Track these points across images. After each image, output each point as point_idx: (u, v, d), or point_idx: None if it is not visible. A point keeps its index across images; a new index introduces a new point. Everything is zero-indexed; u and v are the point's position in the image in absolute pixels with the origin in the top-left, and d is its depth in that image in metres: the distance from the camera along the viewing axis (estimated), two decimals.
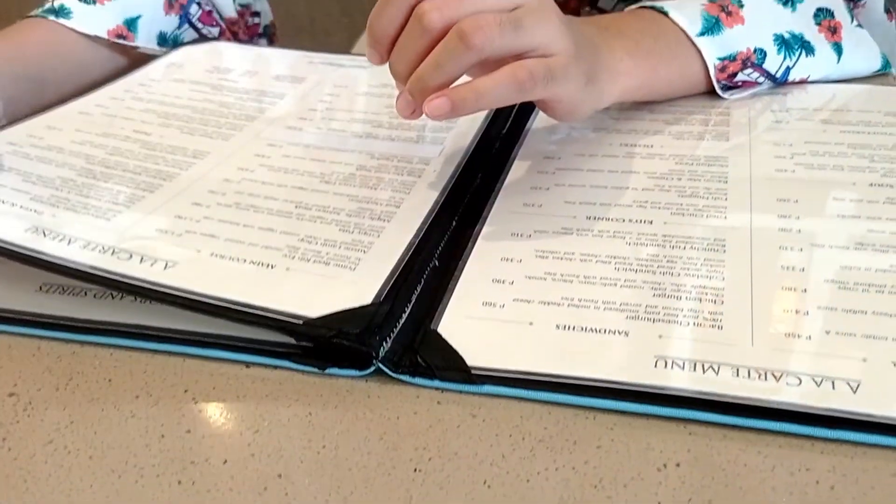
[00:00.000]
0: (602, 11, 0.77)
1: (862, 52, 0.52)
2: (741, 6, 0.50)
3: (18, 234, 0.35)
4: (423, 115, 0.36)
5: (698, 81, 0.49)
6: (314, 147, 0.46)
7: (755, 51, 0.49)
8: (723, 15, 0.49)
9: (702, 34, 0.48)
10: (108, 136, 0.46)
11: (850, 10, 0.53)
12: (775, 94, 0.50)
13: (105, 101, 0.51)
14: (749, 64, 0.49)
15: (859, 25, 0.53)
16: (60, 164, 0.42)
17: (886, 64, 0.53)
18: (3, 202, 0.38)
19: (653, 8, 0.49)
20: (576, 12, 0.77)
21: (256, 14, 0.72)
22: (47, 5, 0.57)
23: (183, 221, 0.37)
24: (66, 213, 0.37)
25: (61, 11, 0.57)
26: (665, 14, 0.48)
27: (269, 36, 0.75)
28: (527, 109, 0.49)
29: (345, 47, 1.20)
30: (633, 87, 0.46)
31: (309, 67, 0.58)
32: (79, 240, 0.35)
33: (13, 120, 0.50)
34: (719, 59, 0.48)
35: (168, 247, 0.35)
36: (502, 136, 0.48)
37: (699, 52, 0.48)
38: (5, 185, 0.39)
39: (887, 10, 0.57)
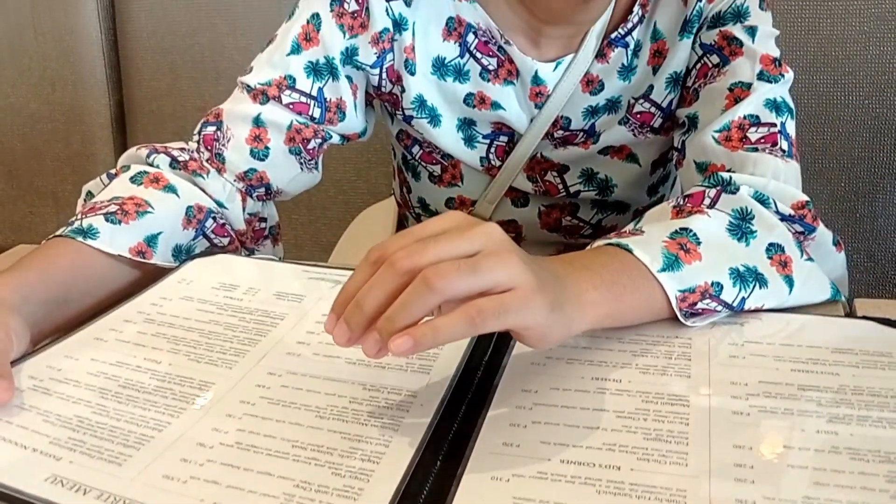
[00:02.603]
0: (582, 221, 0.83)
1: (812, 285, 0.58)
2: (698, 243, 0.56)
3: (38, 485, 0.38)
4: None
5: (661, 309, 0.54)
6: (310, 376, 0.50)
7: (712, 284, 0.54)
8: (681, 252, 0.55)
9: (662, 270, 0.53)
10: (121, 365, 0.50)
11: (800, 245, 0.59)
12: (733, 323, 0.55)
13: (119, 324, 0.56)
14: (707, 295, 0.54)
15: (809, 259, 0.59)
16: (76, 401, 0.46)
17: (836, 293, 0.59)
18: (24, 447, 0.41)
19: (617, 245, 0.55)
20: (558, 222, 0.84)
21: (263, 219, 0.78)
22: (75, 225, 0.63)
23: (187, 466, 0.41)
24: (82, 457, 0.41)
25: (89, 232, 0.62)
26: (629, 251, 0.54)
27: (274, 236, 0.81)
28: (506, 338, 0.54)
29: (339, 224, 1.27)
30: (601, 315, 0.51)
31: (308, 284, 0.62)
32: (93, 490, 0.38)
33: (37, 342, 0.54)
34: (680, 291, 0.53)
35: (173, 497, 0.38)
36: (485, 362, 0.52)
37: (661, 285, 0.53)
38: (27, 428, 0.43)
39: (836, 243, 0.63)
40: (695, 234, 0.56)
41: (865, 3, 1.08)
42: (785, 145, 0.65)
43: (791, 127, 0.67)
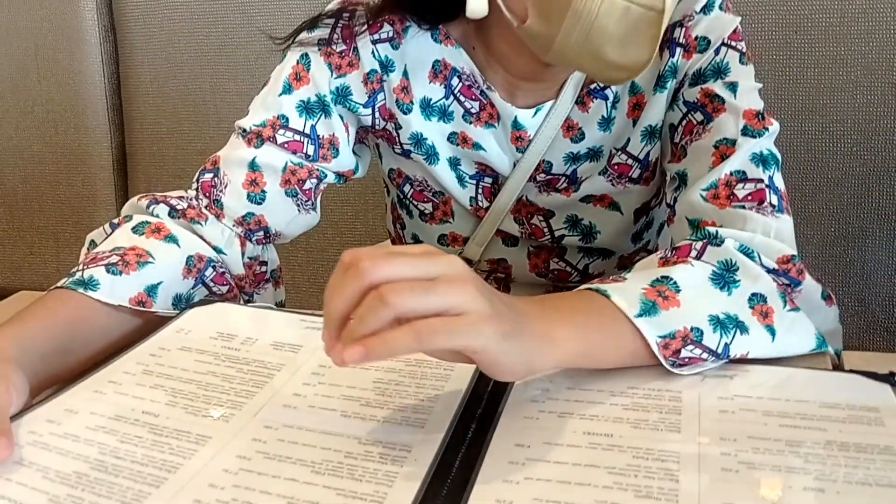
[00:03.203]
0: (570, 265, 0.85)
1: (796, 334, 0.59)
2: (678, 291, 0.57)
3: None
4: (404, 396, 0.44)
5: (641, 355, 0.55)
6: (306, 430, 0.51)
7: (692, 329, 0.55)
8: (659, 299, 0.56)
9: (639, 315, 0.54)
10: (120, 419, 0.51)
11: (784, 296, 0.60)
12: (722, 375, 0.56)
13: (118, 376, 0.57)
14: (690, 341, 0.55)
15: (794, 309, 0.60)
16: (76, 456, 0.47)
17: (821, 344, 0.59)
18: None
19: (596, 290, 0.56)
20: (546, 264, 0.85)
21: (264, 263, 0.79)
22: (76, 276, 0.64)
23: None
24: None
25: (90, 283, 0.63)
26: (606, 296, 0.55)
27: (276, 279, 0.82)
28: (500, 391, 0.55)
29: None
30: (571, 354, 0.53)
31: (304, 334, 0.63)
32: None
33: (36, 394, 0.55)
34: (660, 336, 0.54)
35: None
36: (479, 415, 0.53)
37: (639, 330, 0.54)
38: (25, 485, 0.43)
39: (826, 297, 0.64)
40: (675, 283, 0.57)
41: (851, 53, 1.10)
42: (774, 199, 0.65)
43: (779, 179, 0.68)
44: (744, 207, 0.65)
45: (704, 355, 0.56)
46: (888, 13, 1.08)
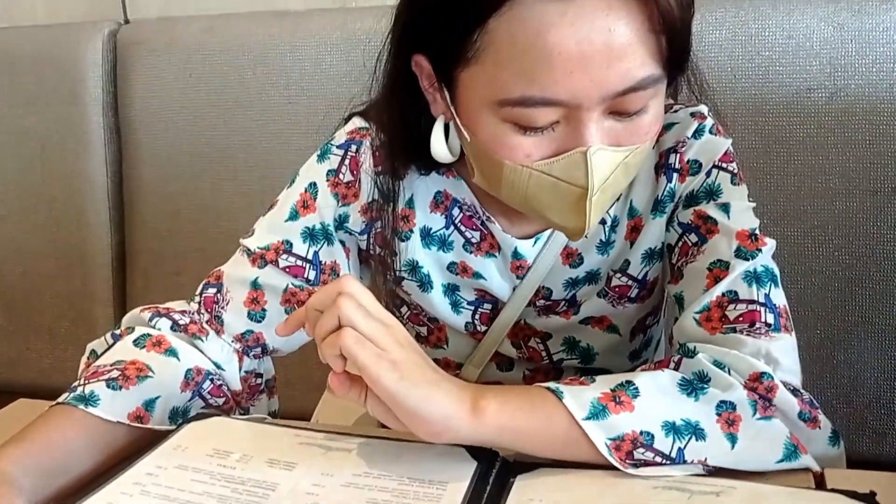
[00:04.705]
0: None
1: (761, 444, 0.58)
2: (636, 396, 0.58)
3: None
4: None
5: (590, 454, 0.57)
6: None
7: (641, 433, 0.57)
8: (612, 404, 0.58)
9: (587, 419, 0.56)
10: None
11: (754, 405, 0.60)
12: (708, 492, 0.56)
13: (116, 497, 0.57)
14: (639, 444, 0.56)
15: (764, 418, 0.60)
16: None
17: (790, 456, 0.59)
18: None
19: (549, 388, 0.58)
20: None
21: (259, 375, 0.81)
22: (77, 391, 0.65)
23: None
24: None
25: (90, 399, 0.64)
26: (559, 396, 0.57)
27: (270, 389, 0.83)
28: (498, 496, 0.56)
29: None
30: (497, 427, 0.57)
31: (299, 450, 0.64)
32: None
33: None
34: (610, 439, 0.56)
35: None
36: None
37: (586, 434, 0.56)
38: None
39: (808, 419, 0.62)
40: (636, 388, 0.59)
41: (829, 163, 1.15)
42: (770, 318, 0.65)
43: (777, 295, 0.67)
44: (735, 330, 0.64)
45: (658, 458, 0.57)
46: (863, 125, 1.13)
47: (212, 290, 0.77)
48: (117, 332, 0.75)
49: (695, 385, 0.60)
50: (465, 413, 0.55)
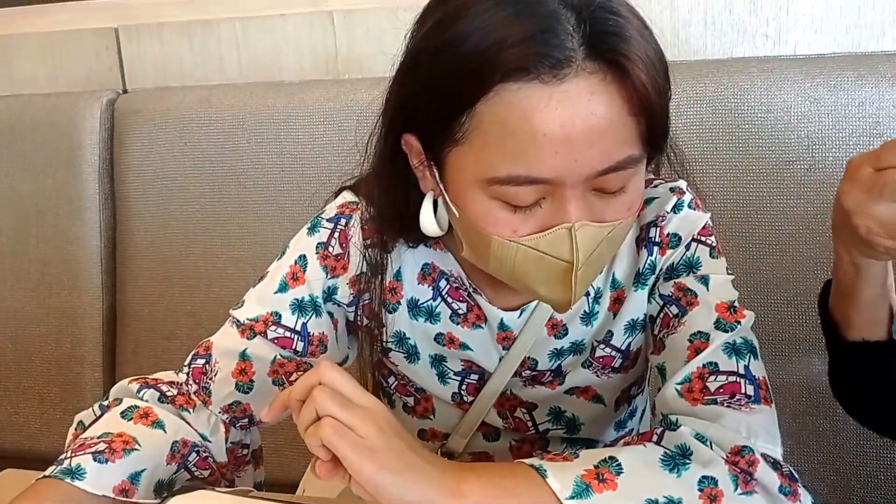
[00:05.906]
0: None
1: None
2: (619, 473, 0.59)
3: None
4: None
5: None
6: None
7: None
8: (595, 482, 0.58)
9: (571, 497, 0.57)
10: None
11: (736, 479, 0.61)
12: None
13: None
14: None
15: (746, 493, 0.61)
16: None
17: None
18: None
19: (532, 466, 0.59)
20: (529, 456, 0.86)
21: (246, 446, 0.81)
22: (64, 464, 0.66)
23: None
24: None
25: (77, 472, 0.65)
26: (542, 475, 0.58)
27: (256, 460, 0.83)
28: None
29: None
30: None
31: None
32: None
33: None
34: None
35: None
36: None
37: None
38: None
39: (787, 493, 0.62)
40: (619, 464, 0.60)
41: (809, 232, 1.17)
42: (750, 390, 0.66)
43: (756, 367, 0.69)
44: (716, 402, 0.66)
45: None
46: None
47: (200, 361, 0.78)
48: (105, 403, 0.76)
49: (677, 460, 0.61)
50: (445, 499, 0.56)
